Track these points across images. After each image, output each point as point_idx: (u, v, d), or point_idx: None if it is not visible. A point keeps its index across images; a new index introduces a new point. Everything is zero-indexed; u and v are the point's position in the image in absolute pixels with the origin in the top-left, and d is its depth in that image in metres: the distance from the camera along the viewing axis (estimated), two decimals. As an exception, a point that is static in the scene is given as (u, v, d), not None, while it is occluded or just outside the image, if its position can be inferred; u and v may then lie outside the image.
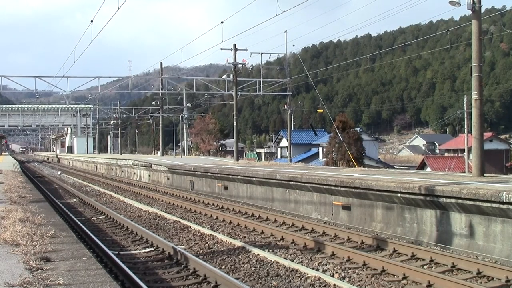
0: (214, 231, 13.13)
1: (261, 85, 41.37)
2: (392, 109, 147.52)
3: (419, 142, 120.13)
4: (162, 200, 20.86)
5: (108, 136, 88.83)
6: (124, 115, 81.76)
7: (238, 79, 33.28)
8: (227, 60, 32.66)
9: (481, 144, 14.28)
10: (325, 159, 45.88)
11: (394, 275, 8.66)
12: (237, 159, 33.89)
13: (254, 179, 18.73)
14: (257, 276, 8.68)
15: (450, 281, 7.90)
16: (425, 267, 9.28)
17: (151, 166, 31.28)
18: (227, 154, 62.32)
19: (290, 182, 16.25)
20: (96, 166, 48.92)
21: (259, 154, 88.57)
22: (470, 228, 10.31)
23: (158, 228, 13.96)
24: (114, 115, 77.63)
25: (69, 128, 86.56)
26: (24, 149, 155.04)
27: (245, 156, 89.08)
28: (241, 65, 33.67)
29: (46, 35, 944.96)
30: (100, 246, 10.42)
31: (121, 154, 64.47)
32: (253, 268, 9.22)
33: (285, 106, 40.79)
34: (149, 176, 32.23)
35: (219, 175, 21.91)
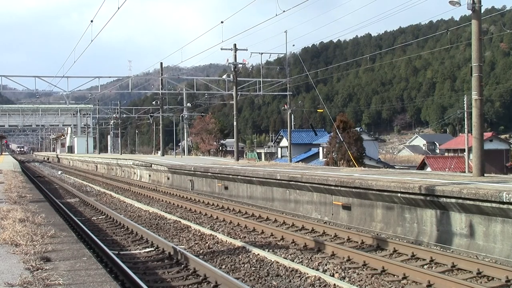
0: (214, 231, 13.13)
1: (261, 85, 41.36)
2: (392, 109, 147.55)
3: (419, 142, 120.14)
4: (162, 200, 20.87)
5: (108, 136, 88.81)
6: (124, 115, 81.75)
7: (238, 79, 33.28)
8: (227, 60, 32.68)
9: (481, 144, 14.29)
10: (325, 159, 45.89)
11: (394, 275, 8.65)
12: (237, 159, 33.89)
13: (254, 179, 18.73)
14: (257, 276, 8.68)
15: (450, 281, 7.89)
16: (425, 267, 9.27)
17: (151, 166, 31.29)
18: (227, 154, 62.27)
19: (290, 182, 16.25)
20: (96, 166, 48.92)
21: (259, 154, 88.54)
22: (470, 228, 10.31)
23: (158, 228, 13.96)
24: (114, 115, 77.60)
25: (69, 128, 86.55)
26: (22, 149, 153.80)
27: (245, 156, 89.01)
28: (241, 65, 33.68)
29: (42, 35, 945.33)
30: (100, 246, 10.42)
31: (121, 154, 64.46)
32: (253, 268, 9.22)
33: (285, 106, 40.79)
34: (149, 176, 32.23)
35: (219, 175, 21.91)
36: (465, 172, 30.06)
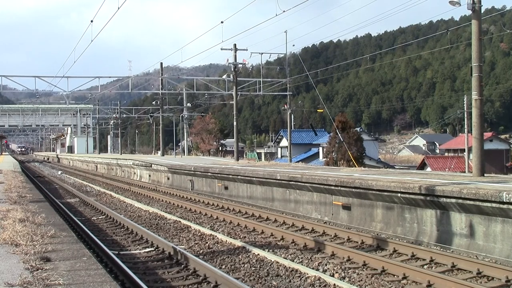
0: (214, 231, 13.13)
1: (261, 85, 41.36)
2: (392, 109, 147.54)
3: (419, 142, 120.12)
4: (162, 200, 20.86)
5: (108, 136, 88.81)
6: (124, 115, 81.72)
7: (238, 79, 33.28)
8: (227, 60, 32.69)
9: (481, 144, 14.29)
10: (325, 159, 45.88)
11: (394, 275, 8.65)
12: (237, 159, 33.89)
13: (254, 179, 18.73)
14: (257, 276, 8.68)
15: (450, 281, 7.89)
16: (425, 267, 9.27)
17: (151, 166, 31.28)
18: (227, 154, 62.30)
19: (290, 182, 16.25)
20: (96, 166, 48.91)
21: (259, 154, 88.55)
22: (470, 228, 10.31)
23: (158, 228, 13.96)
24: (114, 115, 77.60)
25: (69, 128, 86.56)
26: (22, 149, 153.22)
27: (245, 156, 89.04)
28: (241, 65, 33.69)
29: (42, 35, 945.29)
30: (100, 246, 10.42)
31: (121, 154, 64.46)
32: (253, 268, 9.22)
33: (285, 106, 40.79)
34: (149, 176, 32.23)
35: (219, 175, 21.91)
36: (465, 172, 30.06)
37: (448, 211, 10.79)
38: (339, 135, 38.90)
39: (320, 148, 58.10)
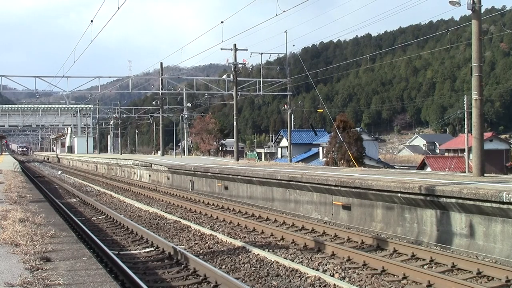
0: (214, 231, 13.13)
1: (261, 85, 41.36)
2: (392, 109, 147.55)
3: (419, 142, 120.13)
4: (162, 200, 20.87)
5: (108, 136, 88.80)
6: (124, 115, 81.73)
7: (238, 79, 33.27)
8: (227, 60, 32.69)
9: (481, 144, 14.29)
10: (325, 159, 45.88)
11: (394, 275, 8.65)
12: (237, 159, 33.89)
13: (254, 179, 18.73)
14: (257, 276, 8.68)
15: (450, 281, 7.89)
16: (425, 267, 9.28)
17: (151, 166, 31.28)
18: (227, 154, 62.31)
19: (290, 182, 16.25)
20: (96, 166, 48.92)
21: (259, 154, 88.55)
22: (470, 228, 10.31)
23: (158, 228, 13.96)
24: (114, 115, 77.61)
25: (69, 128, 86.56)
26: (23, 149, 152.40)
27: (245, 156, 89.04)
28: (241, 65, 33.69)
29: (41, 35, 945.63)
30: (100, 246, 10.42)
31: (121, 154, 64.46)
32: (253, 268, 9.22)
33: (285, 106, 40.80)
34: (149, 176, 32.23)
35: (219, 175, 21.91)
36: (465, 172, 30.06)
37: (448, 211, 10.79)
38: (339, 135, 38.90)
39: (320, 148, 58.10)
